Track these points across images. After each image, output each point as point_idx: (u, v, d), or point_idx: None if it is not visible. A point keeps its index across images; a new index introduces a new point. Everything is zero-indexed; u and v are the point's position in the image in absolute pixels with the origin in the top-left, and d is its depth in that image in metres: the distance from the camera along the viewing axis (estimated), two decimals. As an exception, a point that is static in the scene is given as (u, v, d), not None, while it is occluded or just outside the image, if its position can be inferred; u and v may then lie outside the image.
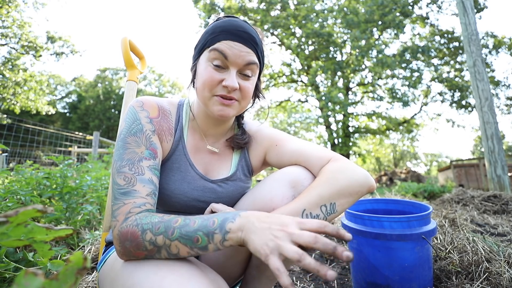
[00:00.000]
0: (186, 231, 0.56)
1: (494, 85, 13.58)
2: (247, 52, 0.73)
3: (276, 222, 0.52)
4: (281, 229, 0.50)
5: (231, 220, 0.55)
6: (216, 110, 0.74)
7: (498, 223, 2.26)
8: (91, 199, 2.12)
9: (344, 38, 13.33)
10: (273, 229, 0.51)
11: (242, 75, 0.75)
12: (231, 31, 0.72)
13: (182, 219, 0.59)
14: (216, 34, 0.72)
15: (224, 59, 0.72)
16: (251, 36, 0.73)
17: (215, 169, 0.85)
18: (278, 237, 0.49)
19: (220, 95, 0.73)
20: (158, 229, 0.57)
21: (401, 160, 31.98)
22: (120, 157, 0.68)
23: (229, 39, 0.71)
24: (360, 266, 1.17)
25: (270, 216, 0.55)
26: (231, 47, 0.71)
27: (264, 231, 0.51)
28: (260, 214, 0.55)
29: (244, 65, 0.73)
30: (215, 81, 0.72)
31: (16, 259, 1.02)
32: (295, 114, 23.64)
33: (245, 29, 0.73)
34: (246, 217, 0.55)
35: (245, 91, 0.76)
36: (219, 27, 0.73)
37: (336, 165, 0.74)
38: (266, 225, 0.52)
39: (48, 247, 0.44)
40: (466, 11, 5.67)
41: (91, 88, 27.90)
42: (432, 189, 5.50)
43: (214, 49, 0.72)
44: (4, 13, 10.73)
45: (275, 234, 0.50)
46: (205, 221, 0.57)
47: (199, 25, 14.93)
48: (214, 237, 0.54)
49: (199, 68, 0.76)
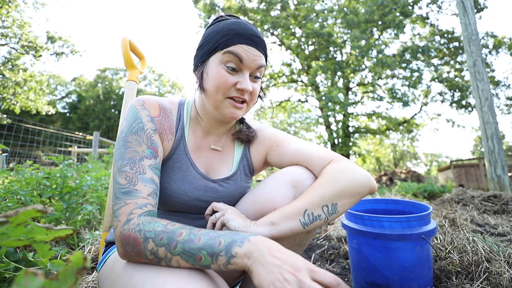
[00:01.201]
0: (190, 247, 0.55)
1: (494, 85, 13.58)
2: (259, 56, 0.75)
3: (288, 262, 0.50)
4: (292, 273, 0.48)
5: (238, 244, 0.53)
6: (228, 113, 0.76)
7: (498, 223, 2.26)
8: (91, 199, 2.12)
9: (344, 38, 13.34)
10: (283, 269, 0.48)
11: (252, 78, 0.77)
12: (245, 35, 0.73)
13: (186, 232, 0.57)
14: (230, 37, 0.72)
15: (239, 62, 0.73)
16: (262, 41, 0.76)
17: (216, 168, 0.85)
18: (287, 281, 0.46)
19: (233, 97, 0.74)
20: (160, 240, 0.56)
21: (401, 160, 31.97)
22: (121, 156, 0.68)
23: (244, 43, 0.73)
24: (360, 266, 1.17)
25: (281, 250, 0.52)
26: (246, 51, 0.73)
27: (273, 267, 0.48)
28: (272, 244, 0.53)
29: (256, 68, 0.76)
30: (230, 84, 0.73)
31: (16, 259, 1.02)
32: (295, 114, 23.64)
33: (257, 33, 0.75)
34: (255, 244, 0.52)
35: (254, 93, 0.78)
36: (232, 29, 0.73)
37: (337, 165, 0.74)
38: (278, 262, 0.49)
39: (48, 247, 0.44)
40: (466, 11, 5.67)
41: (91, 88, 27.91)
42: (432, 189, 5.50)
43: (229, 52, 0.72)
44: (4, 13, 10.73)
45: (285, 276, 0.47)
46: (211, 240, 0.55)
47: (199, 25, 14.95)
48: (219, 259, 0.53)
49: (209, 70, 0.75)
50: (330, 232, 2.01)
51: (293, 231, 0.67)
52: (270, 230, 0.65)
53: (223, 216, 0.69)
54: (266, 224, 0.66)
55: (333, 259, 1.64)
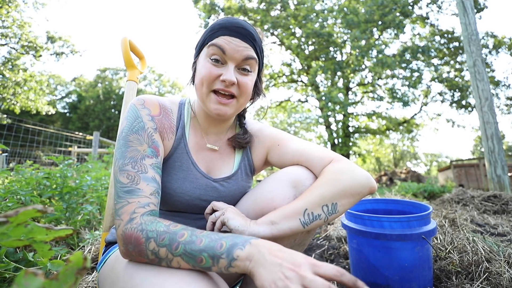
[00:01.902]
0: (191, 249, 0.54)
1: (494, 85, 13.58)
2: (245, 47, 0.74)
3: (289, 259, 0.49)
4: (293, 269, 0.47)
5: (240, 247, 0.53)
6: (212, 108, 0.75)
7: (498, 223, 2.26)
8: (91, 199, 2.12)
9: (344, 38, 13.34)
10: (284, 267, 0.48)
11: (240, 70, 0.76)
12: (228, 27, 0.73)
13: (188, 234, 0.57)
14: (215, 31, 0.74)
15: (222, 53, 0.73)
16: (249, 32, 0.75)
17: (217, 167, 0.85)
18: (289, 278, 0.46)
19: (218, 89, 0.74)
20: (162, 240, 0.56)
21: (401, 160, 31.98)
22: (122, 155, 0.68)
23: (227, 35, 0.73)
24: (360, 266, 1.17)
25: (283, 250, 0.52)
26: (229, 42, 0.72)
27: (274, 267, 0.48)
28: (273, 246, 0.53)
29: (242, 60, 0.74)
30: (213, 75, 0.73)
31: (16, 259, 1.02)
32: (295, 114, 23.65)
33: (242, 25, 0.74)
34: (257, 246, 0.52)
35: (244, 86, 0.76)
36: (218, 24, 0.75)
37: (338, 165, 0.74)
38: (278, 260, 0.49)
39: (48, 247, 0.44)
40: (466, 11, 5.67)
41: (91, 88, 27.91)
42: (432, 189, 5.50)
43: (212, 44, 0.73)
44: (4, 13, 10.73)
45: (285, 274, 0.47)
46: (212, 242, 0.55)
47: (199, 25, 14.94)
48: (220, 261, 0.52)
49: (198, 65, 0.77)
50: (330, 232, 2.01)
51: (293, 231, 0.67)
52: (270, 229, 0.65)
53: (223, 215, 0.68)
54: (266, 224, 0.66)
55: (333, 259, 1.64)
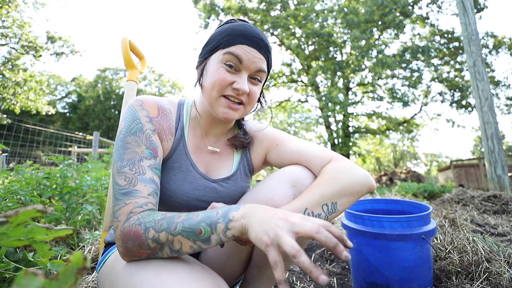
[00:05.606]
0: (189, 223, 0.57)
1: (494, 85, 13.57)
2: (260, 59, 0.75)
3: (280, 212, 0.53)
4: (283, 218, 0.50)
5: (235, 210, 0.56)
6: (221, 112, 0.75)
7: (498, 223, 2.26)
8: (91, 199, 2.12)
9: (344, 38, 13.33)
10: (275, 218, 0.50)
11: (251, 80, 0.77)
12: (248, 36, 0.73)
13: (185, 214, 0.59)
14: (233, 37, 0.73)
15: (238, 62, 0.73)
16: (265, 44, 0.76)
17: (216, 168, 0.85)
18: (279, 226, 0.48)
19: (229, 95, 0.74)
20: (160, 226, 0.57)
21: (401, 160, 31.97)
22: (120, 157, 0.68)
23: (245, 44, 0.73)
24: (360, 266, 1.17)
25: (275, 209, 0.55)
26: (246, 52, 0.73)
27: (266, 219, 0.51)
28: (266, 206, 0.56)
29: (255, 71, 0.75)
30: (226, 82, 0.73)
31: (16, 259, 1.02)
32: (295, 114, 23.66)
33: (260, 36, 0.75)
34: (251, 207, 0.56)
35: (252, 96, 0.77)
36: (236, 30, 0.74)
37: (337, 165, 0.75)
38: (270, 213, 0.52)
39: (48, 247, 0.44)
40: (466, 11, 5.67)
41: (91, 88, 27.91)
42: (432, 189, 5.50)
43: (229, 52, 0.73)
44: (4, 13, 10.73)
45: (276, 223, 0.49)
46: (209, 213, 0.58)
47: (199, 26, 14.94)
48: (217, 226, 0.55)
49: (209, 68, 0.76)
50: (330, 232, 2.01)
51: None
52: None
53: None
54: None
55: (333, 259, 1.64)
